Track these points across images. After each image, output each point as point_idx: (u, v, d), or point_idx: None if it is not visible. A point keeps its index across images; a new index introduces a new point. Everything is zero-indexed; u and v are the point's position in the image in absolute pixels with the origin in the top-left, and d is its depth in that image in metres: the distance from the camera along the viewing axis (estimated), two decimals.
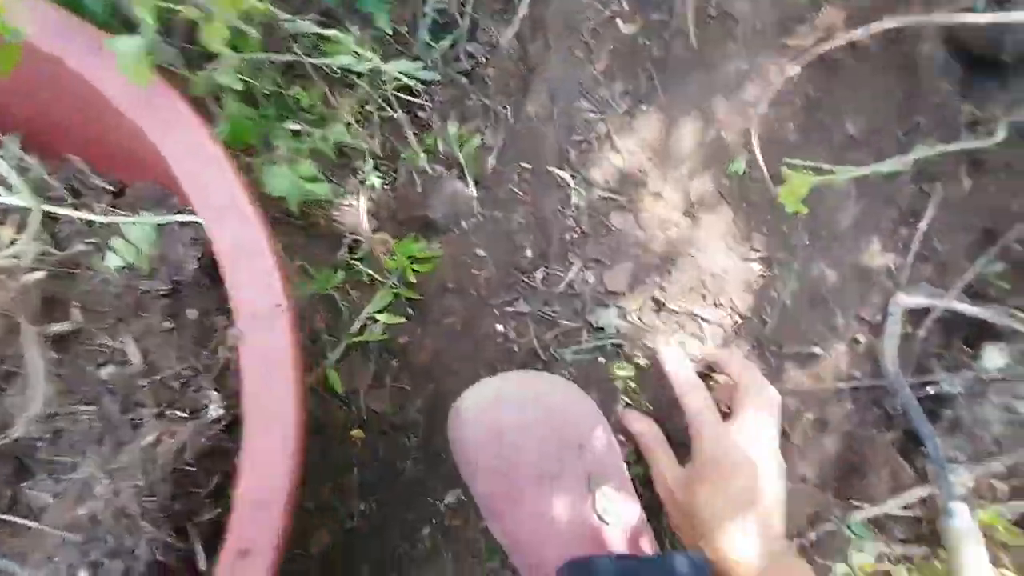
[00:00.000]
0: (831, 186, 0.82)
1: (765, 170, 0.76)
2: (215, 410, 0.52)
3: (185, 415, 0.52)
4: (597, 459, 0.63)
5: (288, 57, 0.66)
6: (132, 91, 0.41)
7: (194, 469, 0.49)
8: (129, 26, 0.51)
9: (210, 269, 0.56)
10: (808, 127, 0.83)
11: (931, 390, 0.86)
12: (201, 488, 0.50)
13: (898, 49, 0.83)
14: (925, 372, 0.87)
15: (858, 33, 0.71)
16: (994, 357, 0.85)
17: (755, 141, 0.74)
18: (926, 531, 0.84)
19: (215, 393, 0.53)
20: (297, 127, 0.68)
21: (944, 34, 0.81)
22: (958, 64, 0.81)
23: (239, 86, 0.65)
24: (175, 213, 0.55)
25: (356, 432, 0.75)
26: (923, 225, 0.84)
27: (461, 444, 0.62)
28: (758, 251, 0.82)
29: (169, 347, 0.53)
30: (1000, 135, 0.75)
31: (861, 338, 0.86)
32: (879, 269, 0.86)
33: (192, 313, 0.56)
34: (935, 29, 0.81)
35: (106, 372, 0.47)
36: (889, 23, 0.67)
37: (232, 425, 0.53)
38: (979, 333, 0.87)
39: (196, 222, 0.54)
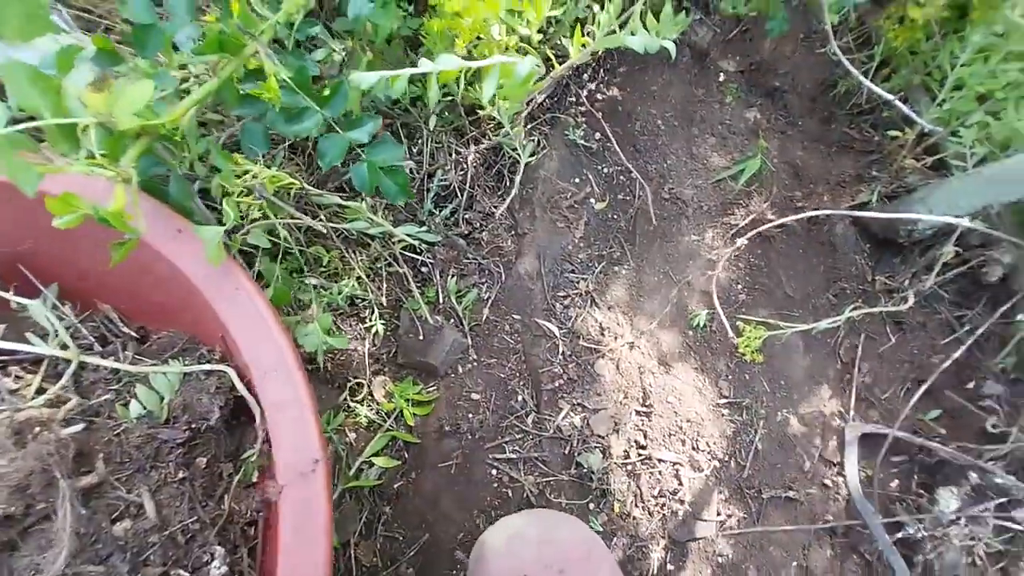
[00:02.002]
0: (781, 339, 0.95)
1: (727, 324, 0.87)
2: (218, 568, 0.51)
3: (188, 573, 0.50)
4: None
5: (313, 222, 0.76)
6: (205, 267, 0.47)
7: None
8: (185, 210, 0.60)
9: (228, 417, 0.58)
10: (753, 288, 0.98)
11: (900, 534, 0.91)
12: None
13: (818, 229, 1.02)
14: (890, 515, 0.91)
15: (785, 220, 0.89)
16: (948, 500, 0.92)
17: (715, 299, 0.86)
18: None
19: (219, 548, 0.52)
20: (315, 281, 0.75)
21: (852, 219, 1.01)
22: (866, 243, 1.00)
23: (267, 245, 0.74)
24: (202, 362, 0.58)
25: None
26: (858, 374, 0.96)
27: None
28: (726, 397, 0.90)
29: (181, 498, 0.53)
30: (911, 301, 0.91)
31: (829, 482, 0.92)
32: (833, 414, 0.95)
33: (202, 461, 0.56)
34: (844, 214, 1.02)
35: (121, 528, 0.46)
36: (808, 214, 0.84)
37: None
38: (931, 478, 0.94)
39: (221, 371, 0.57)
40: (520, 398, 0.82)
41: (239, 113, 0.58)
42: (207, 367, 0.57)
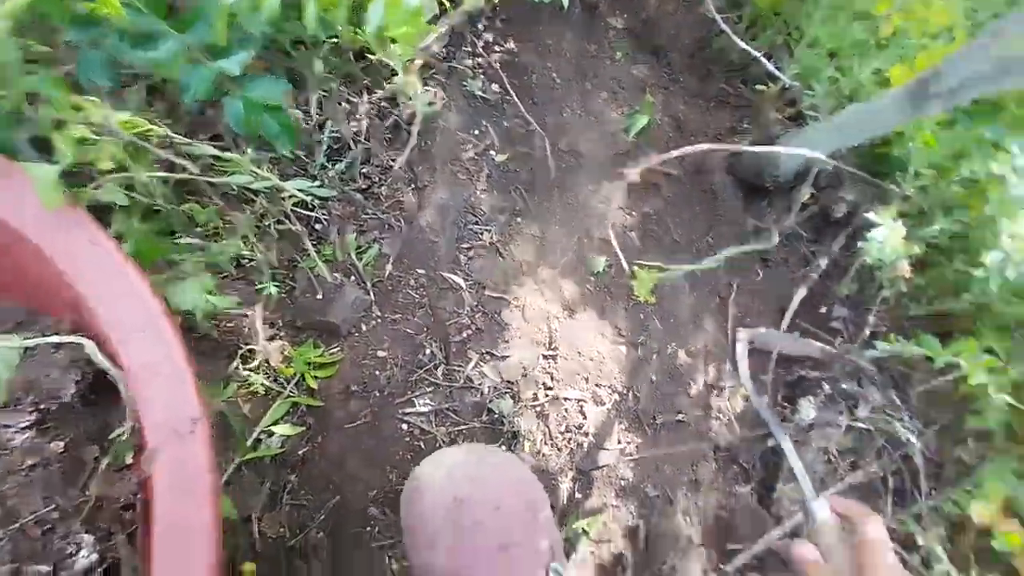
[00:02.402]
0: (670, 280, 1.02)
1: (627, 267, 0.92)
2: (86, 556, 0.46)
3: (48, 568, 0.45)
4: (551, 529, 0.64)
5: (184, 175, 0.68)
6: (38, 214, 0.40)
7: None
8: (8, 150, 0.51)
9: (86, 393, 0.52)
10: (645, 235, 1.04)
11: (770, 444, 1.04)
12: None
13: (699, 179, 1.10)
14: (761, 427, 1.05)
15: (664, 160, 0.94)
16: (808, 409, 1.07)
17: (616, 246, 0.90)
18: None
19: (87, 536, 0.47)
20: (192, 241, 0.67)
21: (727, 168, 1.10)
22: (739, 190, 1.10)
23: (125, 202, 0.65)
24: (47, 334, 0.51)
25: (248, 567, 0.67)
26: (733, 308, 1.07)
27: (420, 517, 0.58)
28: (624, 336, 0.96)
29: (31, 488, 0.47)
30: (775, 240, 1.02)
31: (712, 404, 1.03)
32: (715, 344, 1.05)
33: (58, 445, 0.50)
34: (721, 164, 1.11)
35: None
36: (679, 152, 0.91)
37: (111, 571, 0.47)
38: (792, 392, 1.09)
39: (75, 343, 0.50)
40: (428, 351, 0.81)
41: (72, 38, 0.49)
42: (55, 339, 0.50)
